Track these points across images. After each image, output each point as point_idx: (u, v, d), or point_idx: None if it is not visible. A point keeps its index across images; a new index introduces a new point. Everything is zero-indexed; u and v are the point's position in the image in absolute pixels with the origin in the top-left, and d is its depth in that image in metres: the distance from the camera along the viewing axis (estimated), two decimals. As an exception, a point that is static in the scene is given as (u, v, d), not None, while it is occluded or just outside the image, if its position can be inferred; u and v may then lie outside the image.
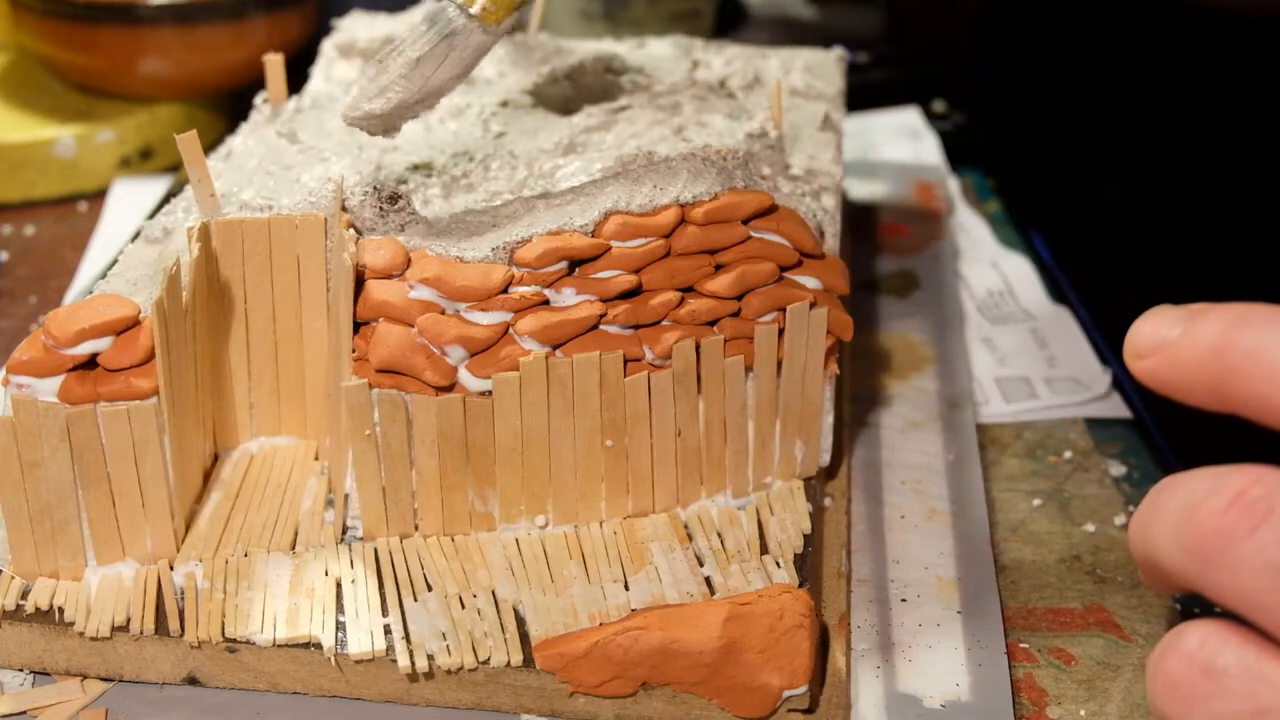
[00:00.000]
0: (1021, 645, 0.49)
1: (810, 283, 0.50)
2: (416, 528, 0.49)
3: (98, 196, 0.83)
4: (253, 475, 0.52)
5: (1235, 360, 0.28)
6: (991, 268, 0.76)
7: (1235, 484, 0.27)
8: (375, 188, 0.49)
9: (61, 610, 0.45)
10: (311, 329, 0.52)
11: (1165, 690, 0.28)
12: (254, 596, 0.46)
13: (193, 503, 0.49)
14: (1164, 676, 0.28)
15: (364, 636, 0.44)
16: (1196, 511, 0.28)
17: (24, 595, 0.46)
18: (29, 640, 0.45)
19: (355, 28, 0.68)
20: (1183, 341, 0.29)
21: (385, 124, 0.50)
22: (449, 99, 0.62)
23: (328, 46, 0.67)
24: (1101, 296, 0.72)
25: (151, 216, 0.55)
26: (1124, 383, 0.65)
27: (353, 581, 0.47)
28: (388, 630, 0.45)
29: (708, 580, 0.47)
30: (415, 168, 0.56)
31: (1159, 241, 0.79)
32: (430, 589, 0.46)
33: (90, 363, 0.44)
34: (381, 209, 0.49)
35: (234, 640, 0.44)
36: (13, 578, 0.46)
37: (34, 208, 0.82)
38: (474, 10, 0.49)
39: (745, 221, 0.49)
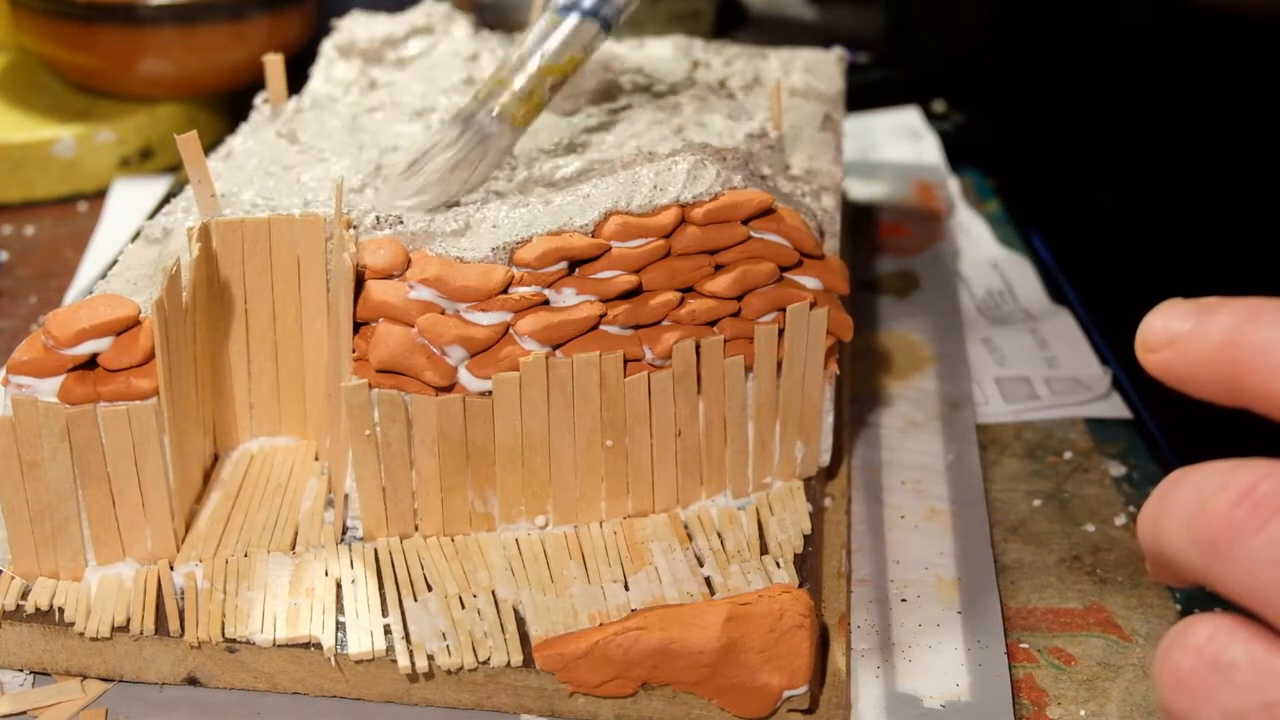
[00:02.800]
0: (1021, 645, 0.49)
1: (810, 283, 0.50)
2: (416, 528, 0.49)
3: (98, 196, 0.83)
4: (253, 475, 0.51)
5: (1247, 354, 0.28)
6: (991, 268, 0.76)
7: (1245, 479, 0.27)
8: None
9: (61, 610, 0.45)
10: (311, 329, 0.52)
11: (1172, 684, 0.28)
12: (254, 596, 0.46)
13: (193, 503, 0.49)
14: (1171, 670, 0.28)
15: (364, 636, 0.44)
16: (1206, 506, 0.28)
17: (24, 595, 0.46)
18: (29, 640, 0.45)
19: (355, 28, 0.68)
20: (1195, 335, 0.29)
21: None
22: (448, 98, 0.62)
23: (328, 47, 0.67)
24: (1101, 296, 0.72)
25: (151, 216, 0.55)
26: (1124, 383, 0.65)
27: (353, 581, 0.47)
28: (388, 630, 0.45)
29: (708, 580, 0.47)
30: (415, 168, 0.56)
31: (1159, 242, 0.79)
32: (430, 589, 0.46)
33: (90, 363, 0.44)
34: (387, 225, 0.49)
35: (234, 640, 0.44)
36: (13, 578, 0.46)
37: (34, 208, 0.82)
38: (505, 115, 0.52)
39: (745, 221, 0.49)
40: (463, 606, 0.46)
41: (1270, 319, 0.28)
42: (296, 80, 0.63)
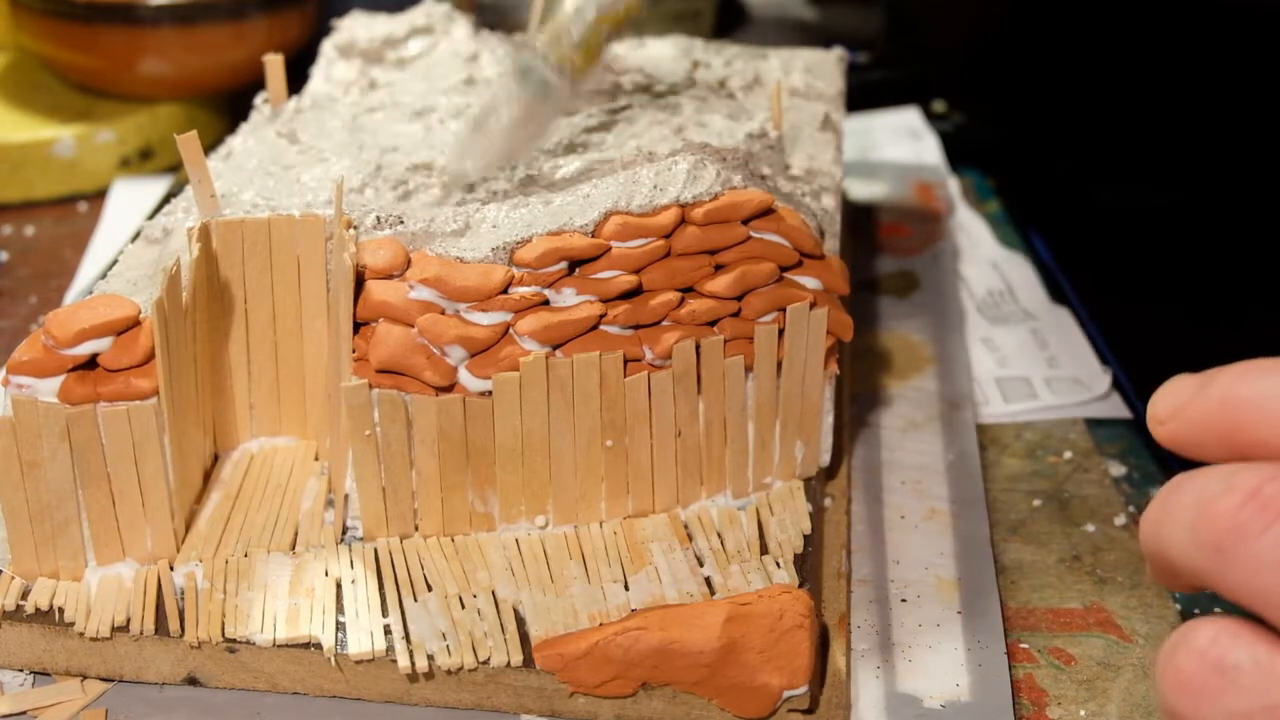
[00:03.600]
0: (1021, 645, 0.49)
1: (810, 283, 0.50)
2: (416, 528, 0.49)
3: (98, 196, 0.83)
4: (253, 475, 0.52)
5: (1241, 409, 0.29)
6: (991, 268, 0.76)
7: (1249, 481, 0.27)
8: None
9: (61, 610, 0.45)
10: (311, 329, 0.52)
11: (1175, 686, 0.28)
12: (254, 596, 0.46)
13: (193, 503, 0.49)
14: (1174, 672, 0.28)
15: (364, 636, 0.44)
16: (1210, 508, 0.28)
17: (24, 595, 0.46)
18: (29, 640, 0.45)
19: (355, 28, 0.68)
20: (1196, 402, 0.30)
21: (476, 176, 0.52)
22: (448, 99, 0.62)
23: (328, 47, 0.67)
24: (1101, 296, 0.72)
25: (151, 216, 0.55)
26: (1124, 383, 0.65)
27: (353, 581, 0.47)
28: (388, 630, 0.45)
29: (708, 580, 0.47)
30: (415, 168, 0.56)
31: (1159, 242, 0.79)
32: (430, 589, 0.46)
33: (90, 363, 0.44)
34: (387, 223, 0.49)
35: (234, 640, 0.44)
36: (13, 578, 0.46)
37: (34, 208, 0.82)
38: (564, 65, 0.52)
39: (745, 221, 0.49)
40: (463, 606, 0.46)
41: (1259, 374, 0.29)
42: (296, 80, 0.63)
